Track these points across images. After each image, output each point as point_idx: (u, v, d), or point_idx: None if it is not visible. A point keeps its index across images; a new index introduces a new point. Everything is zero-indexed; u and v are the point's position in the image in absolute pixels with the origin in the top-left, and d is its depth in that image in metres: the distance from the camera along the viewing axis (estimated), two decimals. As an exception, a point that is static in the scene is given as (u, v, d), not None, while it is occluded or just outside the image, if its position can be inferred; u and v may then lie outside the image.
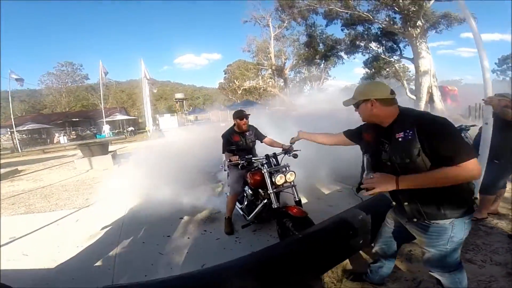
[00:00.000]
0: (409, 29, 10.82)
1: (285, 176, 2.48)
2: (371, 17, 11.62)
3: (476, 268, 2.17)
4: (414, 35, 11.01)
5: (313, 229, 1.88)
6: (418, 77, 13.59)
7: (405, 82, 14.65)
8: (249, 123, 3.13)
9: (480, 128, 3.29)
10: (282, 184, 2.51)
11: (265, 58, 23.52)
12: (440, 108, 14.25)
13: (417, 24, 10.59)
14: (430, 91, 14.09)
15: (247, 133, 3.11)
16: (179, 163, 6.16)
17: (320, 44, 15.58)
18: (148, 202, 4.09)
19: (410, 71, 22.94)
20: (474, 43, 2.64)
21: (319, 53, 15.97)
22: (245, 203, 3.02)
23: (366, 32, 12.98)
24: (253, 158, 2.68)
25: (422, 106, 14.50)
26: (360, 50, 14.02)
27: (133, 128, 26.62)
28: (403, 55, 13.91)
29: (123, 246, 2.78)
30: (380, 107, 1.27)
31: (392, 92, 1.29)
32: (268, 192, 2.47)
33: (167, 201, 4.02)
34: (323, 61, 21.97)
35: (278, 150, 2.86)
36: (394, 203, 1.43)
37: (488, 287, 1.94)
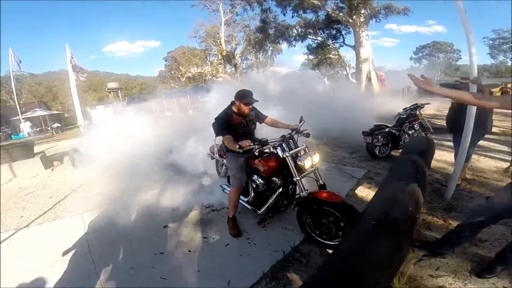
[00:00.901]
0: (354, 17, 11.54)
1: (311, 158, 2.21)
2: (320, 4, 11.99)
3: (486, 229, 2.36)
4: (358, 24, 11.83)
5: (371, 215, 1.64)
6: (359, 63, 14.86)
7: (347, 68, 15.98)
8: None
9: (451, 107, 3.64)
10: (307, 168, 2.24)
11: (214, 43, 22.27)
12: (377, 90, 15.99)
13: (361, 13, 11.38)
14: (369, 75, 15.63)
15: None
16: (135, 159, 5.34)
17: (273, 29, 15.52)
18: (113, 212, 3.35)
19: (344, 57, 25.17)
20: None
21: (270, 38, 15.92)
22: (252, 195, 2.65)
23: (315, 19, 13.45)
24: (269, 141, 2.31)
25: (362, 89, 16.06)
26: (310, 37, 14.52)
27: (59, 125, 22.43)
28: (345, 43, 14.99)
29: (108, 278, 2.10)
30: None
31: None
32: (294, 179, 2.18)
33: (138, 207, 3.38)
34: (270, 48, 22.13)
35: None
36: None
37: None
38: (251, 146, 2.17)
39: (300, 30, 14.34)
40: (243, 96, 2.44)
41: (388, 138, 5.23)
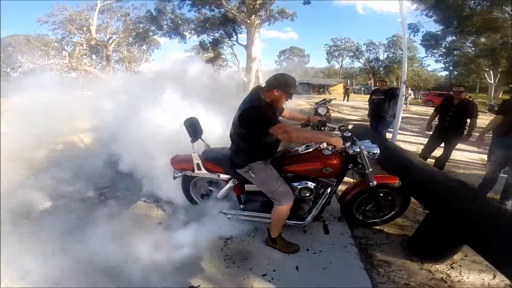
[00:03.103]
0: (252, 18, 12.35)
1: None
2: (224, 2, 11.97)
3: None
4: (254, 25, 12.75)
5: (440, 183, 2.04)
6: (250, 61, 16.08)
7: (240, 66, 16.97)
8: None
9: (370, 102, 4.87)
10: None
11: (81, 31, 17.19)
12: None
13: (259, 15, 12.32)
14: (257, 74, 17.25)
15: None
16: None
17: (168, 20, 13.92)
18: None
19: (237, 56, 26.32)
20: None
21: (163, 29, 14.28)
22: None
23: (214, 15, 13.32)
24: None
25: (251, 87, 17.57)
26: (207, 33, 14.24)
27: None
28: (238, 41, 15.82)
29: None
30: None
31: None
32: (367, 171, 2.08)
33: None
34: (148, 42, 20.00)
35: None
36: None
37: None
38: (344, 146, 1.90)
39: (197, 24, 13.77)
40: (290, 85, 1.90)
41: (315, 128, 6.33)
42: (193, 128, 2.40)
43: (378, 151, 2.11)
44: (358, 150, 2.01)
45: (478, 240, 1.65)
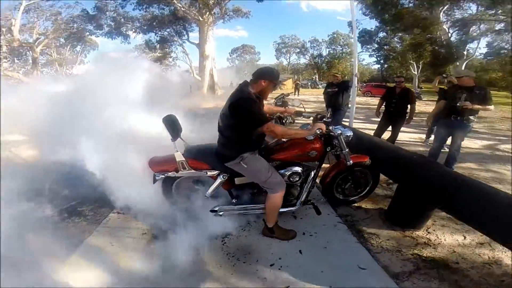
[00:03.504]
0: (204, 16, 12.01)
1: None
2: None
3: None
4: (208, 23, 12.45)
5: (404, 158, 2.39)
6: (203, 60, 15.74)
7: (192, 65, 16.44)
8: None
9: (326, 95, 5.25)
10: None
11: None
12: (218, 86, 17.80)
13: (213, 13, 12.05)
14: (212, 72, 16.98)
15: None
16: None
17: (109, 19, 12.53)
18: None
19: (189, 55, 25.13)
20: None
21: (103, 29, 12.86)
22: None
23: (163, 13, 12.53)
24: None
25: (205, 86, 17.23)
26: (154, 31, 13.34)
27: None
28: (190, 40, 15.31)
29: None
30: None
31: None
32: (344, 151, 2.27)
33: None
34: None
35: None
36: None
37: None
38: (328, 129, 2.12)
39: (144, 23, 12.78)
40: (275, 75, 2.03)
41: (278, 120, 6.72)
42: (173, 126, 2.27)
43: (352, 134, 2.36)
44: (339, 131, 2.21)
45: (448, 202, 1.97)
